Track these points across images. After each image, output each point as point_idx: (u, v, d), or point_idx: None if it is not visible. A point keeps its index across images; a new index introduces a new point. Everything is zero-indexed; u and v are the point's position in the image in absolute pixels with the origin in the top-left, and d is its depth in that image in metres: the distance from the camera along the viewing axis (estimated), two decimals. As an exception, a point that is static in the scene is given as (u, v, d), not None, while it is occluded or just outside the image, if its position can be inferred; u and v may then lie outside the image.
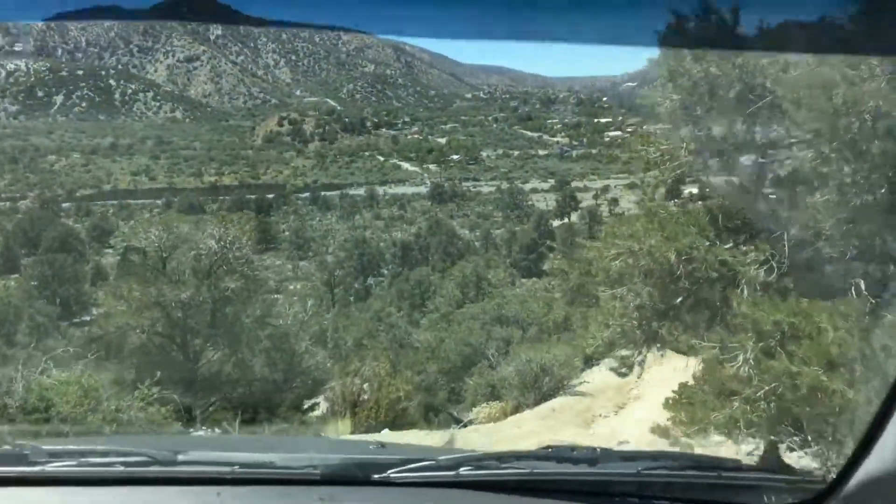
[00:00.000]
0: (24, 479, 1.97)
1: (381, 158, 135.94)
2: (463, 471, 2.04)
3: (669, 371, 26.01)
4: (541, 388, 21.73)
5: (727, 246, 7.45)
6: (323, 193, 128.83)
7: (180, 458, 2.00)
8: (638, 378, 27.09)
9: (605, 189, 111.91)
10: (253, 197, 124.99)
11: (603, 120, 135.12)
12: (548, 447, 2.23)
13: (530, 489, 2.04)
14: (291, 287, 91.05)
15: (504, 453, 2.23)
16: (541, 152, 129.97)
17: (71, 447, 2.09)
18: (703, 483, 2.11)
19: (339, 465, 2.09)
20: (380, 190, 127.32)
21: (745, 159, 7.61)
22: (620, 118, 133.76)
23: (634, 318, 8.34)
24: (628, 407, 21.95)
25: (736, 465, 2.32)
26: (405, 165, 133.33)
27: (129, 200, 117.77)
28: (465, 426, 20.00)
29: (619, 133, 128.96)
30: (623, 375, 25.75)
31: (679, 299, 7.83)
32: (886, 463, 1.70)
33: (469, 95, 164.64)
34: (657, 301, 7.94)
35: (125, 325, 24.02)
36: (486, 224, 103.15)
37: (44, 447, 2.07)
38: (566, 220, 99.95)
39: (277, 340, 25.61)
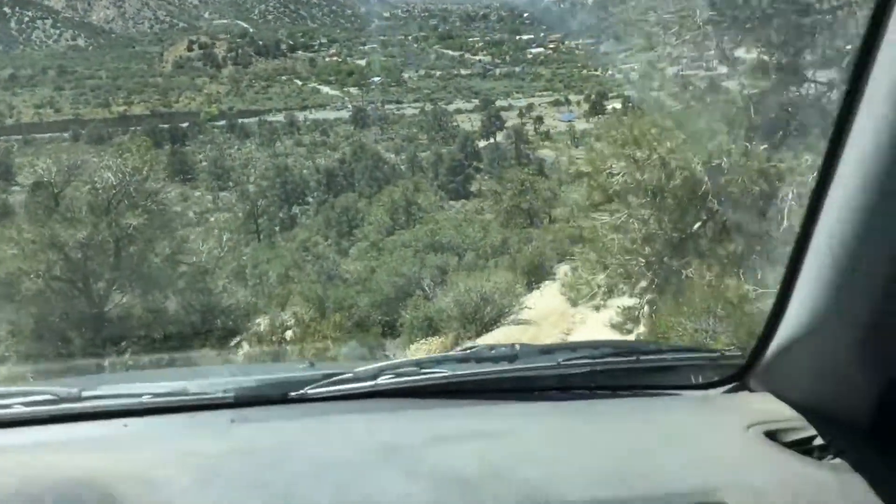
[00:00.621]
0: None
1: (299, 83, 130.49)
2: (382, 380, 1.95)
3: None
4: (482, 318, 20.05)
5: (764, 147, 5.46)
6: (240, 121, 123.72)
7: (85, 393, 1.87)
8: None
9: (530, 107, 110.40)
10: (166, 126, 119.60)
11: (525, 37, 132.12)
12: (467, 348, 2.14)
13: (451, 391, 1.99)
14: (213, 219, 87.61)
15: (423, 359, 2.07)
16: (463, 72, 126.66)
17: None
18: (624, 368, 2.05)
19: (254, 387, 1.96)
20: (300, 115, 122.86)
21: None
22: (543, 34, 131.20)
23: (642, 252, 6.49)
24: (575, 332, 20.53)
25: (656, 348, 2.32)
26: (325, 89, 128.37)
27: (34, 135, 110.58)
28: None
29: (541, 49, 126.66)
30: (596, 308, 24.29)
31: (698, 224, 5.97)
32: (796, 327, 1.70)
33: (387, 14, 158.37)
34: (670, 229, 6.07)
35: (17, 271, 21.10)
36: (412, 147, 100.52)
37: None
38: (492, 140, 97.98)
39: (191, 279, 23.14)
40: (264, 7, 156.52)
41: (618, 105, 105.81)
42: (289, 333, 28.31)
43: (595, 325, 21.72)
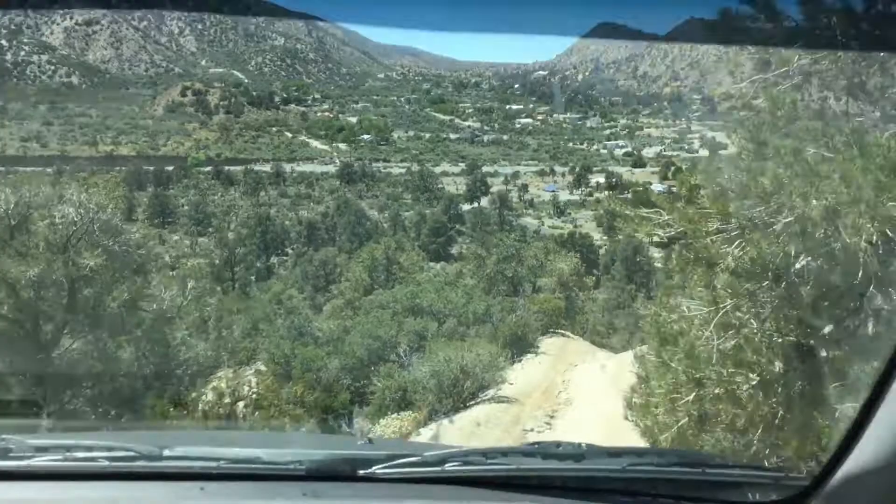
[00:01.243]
0: (8, 473, 1.87)
1: (289, 135, 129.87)
2: (448, 466, 1.98)
3: (594, 369, 22.77)
4: (460, 393, 18.23)
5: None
6: (226, 168, 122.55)
7: (165, 453, 1.93)
8: (563, 378, 23.99)
9: (515, 175, 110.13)
10: (151, 168, 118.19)
11: (514, 107, 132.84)
12: (534, 443, 2.18)
13: (516, 485, 2.00)
14: (189, 264, 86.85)
15: (490, 449, 2.14)
16: (452, 136, 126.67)
17: (55, 441, 2.01)
18: (688, 479, 2.05)
19: (325, 461, 2.00)
20: (286, 167, 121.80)
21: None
22: (531, 105, 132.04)
23: (757, 363, 4.86)
24: (560, 415, 18.74)
25: (721, 462, 2.36)
26: (314, 143, 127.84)
27: (18, 168, 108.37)
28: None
29: (529, 120, 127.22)
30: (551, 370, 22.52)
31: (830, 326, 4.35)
32: (868, 459, 1.68)
33: (381, 75, 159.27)
34: (800, 330, 4.48)
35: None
36: (396, 206, 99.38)
37: (28, 440, 1.99)
38: (476, 204, 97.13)
39: (149, 327, 21.13)
40: (261, 59, 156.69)
41: (601, 179, 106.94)
42: (248, 391, 26.29)
43: (582, 406, 19.99)
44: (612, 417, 17.65)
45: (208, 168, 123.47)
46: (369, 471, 1.95)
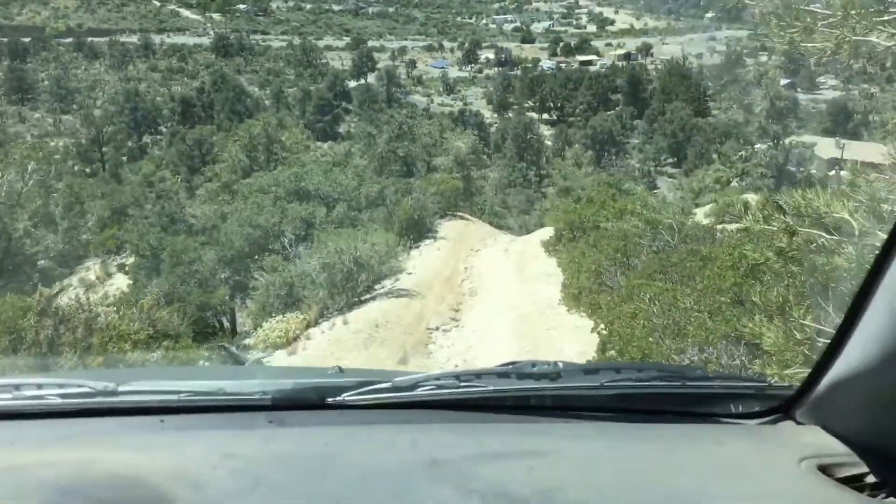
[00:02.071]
0: None
1: (157, 3, 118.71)
2: (421, 391, 1.89)
3: (497, 253, 20.92)
4: (355, 287, 15.97)
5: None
6: (90, 39, 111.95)
7: (122, 388, 1.82)
8: (465, 265, 22.16)
9: (403, 50, 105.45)
10: (4, 40, 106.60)
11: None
12: (508, 363, 2.01)
13: (491, 406, 1.93)
14: (52, 143, 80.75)
15: (463, 372, 1.99)
16: (335, 7, 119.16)
17: (4, 380, 1.94)
18: (668, 393, 1.97)
19: (292, 390, 1.89)
20: (156, 39, 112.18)
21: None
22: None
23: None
24: (466, 308, 16.89)
25: (702, 375, 2.22)
26: (185, 13, 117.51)
27: None
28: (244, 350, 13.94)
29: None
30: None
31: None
32: (852, 365, 1.69)
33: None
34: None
35: None
36: (278, 82, 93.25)
37: None
38: (363, 80, 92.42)
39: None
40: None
41: (490, 55, 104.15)
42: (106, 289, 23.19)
43: (488, 299, 18.27)
44: (520, 308, 16.03)
45: (69, 39, 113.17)
46: (338, 398, 1.84)
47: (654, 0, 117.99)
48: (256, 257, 18.46)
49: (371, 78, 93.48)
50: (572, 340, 11.25)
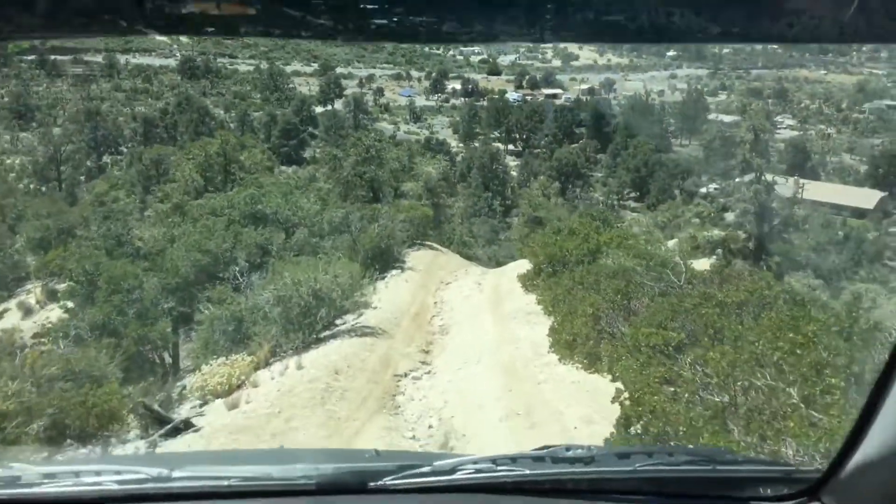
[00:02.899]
0: (18, 500, 1.84)
1: (124, 23, 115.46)
2: (459, 475, 1.92)
3: (469, 286, 18.86)
4: (312, 324, 13.80)
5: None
6: (52, 57, 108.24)
7: (174, 474, 1.88)
8: (435, 299, 20.07)
9: (371, 78, 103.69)
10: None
11: (370, 6, 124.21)
12: (543, 447, 2.08)
13: (528, 490, 1.94)
14: (9, 161, 77.46)
15: (500, 456, 2.02)
16: (304, 33, 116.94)
17: (63, 468, 1.98)
18: (699, 477, 2.00)
19: (335, 475, 1.94)
20: (121, 58, 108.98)
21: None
22: (387, 6, 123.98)
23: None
24: (437, 350, 14.80)
25: (731, 458, 2.29)
26: (152, 33, 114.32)
27: None
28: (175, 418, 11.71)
29: (385, 21, 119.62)
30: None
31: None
32: (877, 449, 1.69)
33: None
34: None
35: None
36: (244, 105, 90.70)
37: (36, 468, 1.95)
38: (330, 106, 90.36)
39: None
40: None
41: (457, 85, 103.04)
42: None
43: (462, 338, 16.19)
44: (501, 354, 13.91)
45: (32, 56, 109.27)
46: (379, 483, 1.87)
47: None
48: (206, 286, 16.18)
49: (338, 104, 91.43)
50: (572, 401, 9.24)
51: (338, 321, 15.40)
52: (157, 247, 19.56)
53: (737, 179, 44.86)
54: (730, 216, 37.50)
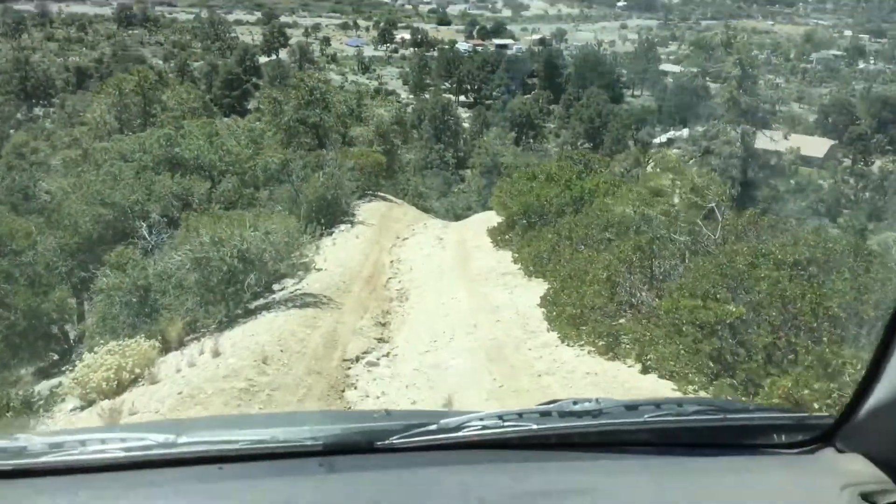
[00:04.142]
0: (24, 470, 1.71)
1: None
2: (465, 432, 1.85)
3: (429, 242, 15.98)
4: (239, 294, 10.70)
5: None
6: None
7: (181, 440, 1.80)
8: (392, 257, 17.05)
9: (317, 27, 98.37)
10: None
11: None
12: (550, 401, 1.99)
13: (535, 445, 1.87)
14: None
15: (506, 412, 1.93)
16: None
17: (68, 437, 1.84)
18: (709, 426, 1.90)
19: (342, 435, 1.87)
20: (54, 6, 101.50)
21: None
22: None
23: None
24: (397, 322, 11.88)
25: (742, 407, 2.24)
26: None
27: None
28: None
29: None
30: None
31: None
32: (891, 390, 1.68)
33: None
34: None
35: None
36: (184, 55, 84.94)
37: (40, 438, 1.83)
38: (274, 56, 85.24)
39: None
40: None
41: (407, 35, 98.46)
42: None
43: (425, 306, 13.20)
44: (480, 330, 10.81)
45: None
46: (386, 442, 1.81)
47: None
48: (106, 248, 12.84)
49: (283, 54, 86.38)
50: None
51: (274, 288, 12.33)
52: (60, 198, 16.02)
53: (702, 126, 42.53)
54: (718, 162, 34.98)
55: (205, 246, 10.54)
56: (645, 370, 6.92)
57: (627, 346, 7.23)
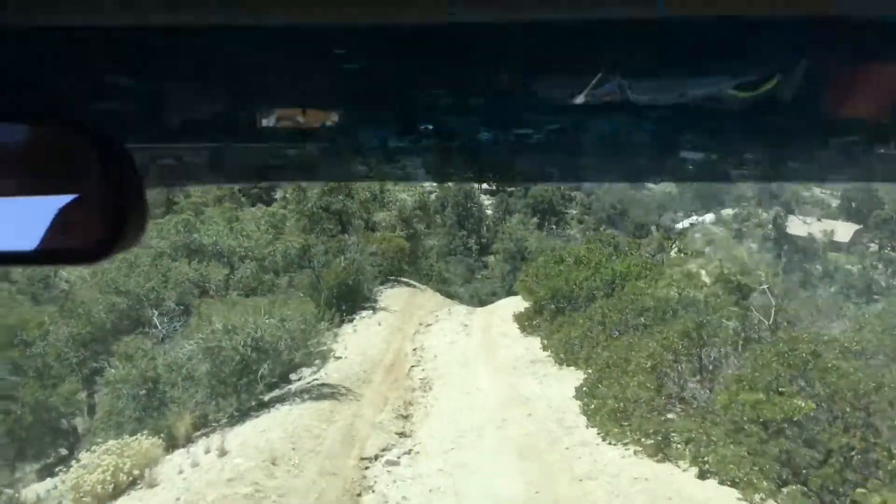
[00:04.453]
0: None
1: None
2: None
3: (453, 329, 15.33)
4: (252, 385, 10.04)
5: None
6: None
7: None
8: (414, 345, 16.30)
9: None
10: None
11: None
12: None
13: None
14: None
15: None
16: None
17: None
18: None
19: None
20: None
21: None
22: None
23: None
24: (420, 414, 11.06)
25: None
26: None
27: None
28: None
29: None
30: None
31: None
32: None
33: None
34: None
35: None
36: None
37: None
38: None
39: None
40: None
41: (429, 125, 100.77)
42: None
43: (451, 398, 12.35)
44: (510, 424, 9.95)
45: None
46: None
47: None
48: (118, 338, 12.27)
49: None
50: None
51: (291, 378, 11.60)
52: (75, 288, 15.58)
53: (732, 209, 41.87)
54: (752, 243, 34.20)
55: (217, 334, 9.91)
56: (702, 475, 6.04)
57: (680, 447, 6.37)
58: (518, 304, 16.88)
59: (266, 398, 10.28)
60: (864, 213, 64.29)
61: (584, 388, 8.52)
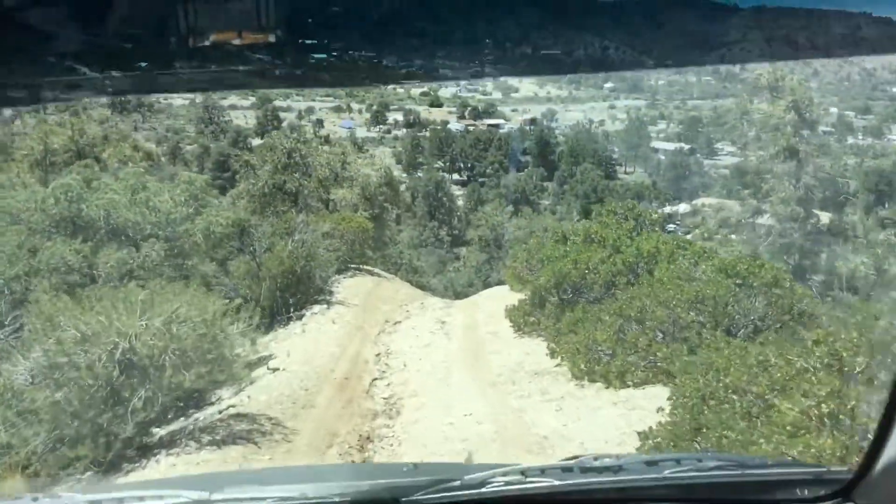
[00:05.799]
0: None
1: (52, 60, 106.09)
2: (489, 487, 1.83)
3: (427, 326, 11.80)
4: (124, 422, 6.39)
5: None
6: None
7: (214, 496, 1.83)
8: (378, 348, 12.70)
9: (310, 110, 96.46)
10: None
11: (308, 41, 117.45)
12: (572, 457, 1.97)
13: (557, 501, 1.85)
14: None
15: (529, 467, 1.90)
16: (241, 68, 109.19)
17: (108, 495, 1.95)
18: (730, 482, 1.87)
19: (369, 491, 1.88)
20: (48, 93, 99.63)
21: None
22: (327, 41, 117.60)
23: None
24: (382, 455, 7.52)
25: (761, 462, 2.17)
26: (82, 68, 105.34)
27: None
28: None
29: (324, 55, 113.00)
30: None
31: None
32: None
33: None
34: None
35: None
36: (176, 138, 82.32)
37: (82, 496, 1.91)
38: (268, 138, 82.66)
39: None
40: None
41: (399, 117, 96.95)
42: None
43: (428, 419, 8.73)
44: (511, 459, 6.56)
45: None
46: (412, 498, 1.81)
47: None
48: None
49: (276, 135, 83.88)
50: None
51: (205, 402, 7.93)
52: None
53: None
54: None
55: (64, 345, 6.20)
56: None
57: None
58: (504, 295, 13.37)
59: (145, 441, 6.61)
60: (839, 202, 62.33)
61: (659, 431, 4.97)
